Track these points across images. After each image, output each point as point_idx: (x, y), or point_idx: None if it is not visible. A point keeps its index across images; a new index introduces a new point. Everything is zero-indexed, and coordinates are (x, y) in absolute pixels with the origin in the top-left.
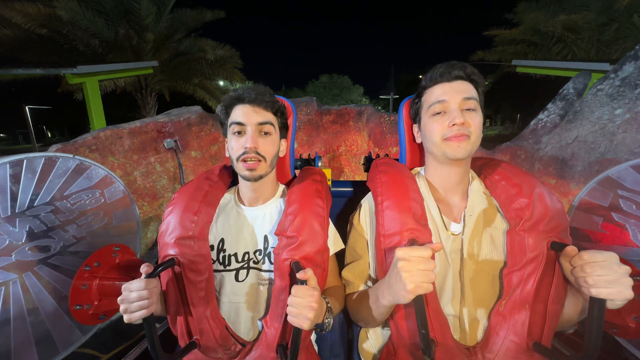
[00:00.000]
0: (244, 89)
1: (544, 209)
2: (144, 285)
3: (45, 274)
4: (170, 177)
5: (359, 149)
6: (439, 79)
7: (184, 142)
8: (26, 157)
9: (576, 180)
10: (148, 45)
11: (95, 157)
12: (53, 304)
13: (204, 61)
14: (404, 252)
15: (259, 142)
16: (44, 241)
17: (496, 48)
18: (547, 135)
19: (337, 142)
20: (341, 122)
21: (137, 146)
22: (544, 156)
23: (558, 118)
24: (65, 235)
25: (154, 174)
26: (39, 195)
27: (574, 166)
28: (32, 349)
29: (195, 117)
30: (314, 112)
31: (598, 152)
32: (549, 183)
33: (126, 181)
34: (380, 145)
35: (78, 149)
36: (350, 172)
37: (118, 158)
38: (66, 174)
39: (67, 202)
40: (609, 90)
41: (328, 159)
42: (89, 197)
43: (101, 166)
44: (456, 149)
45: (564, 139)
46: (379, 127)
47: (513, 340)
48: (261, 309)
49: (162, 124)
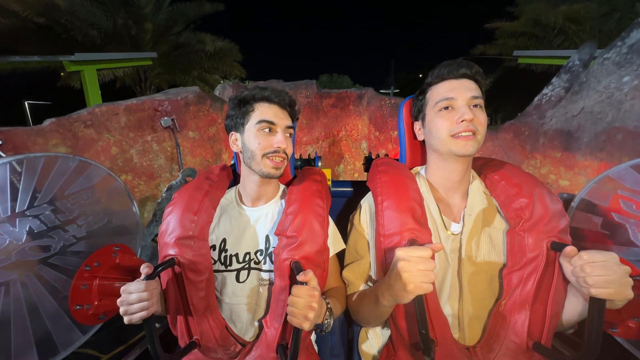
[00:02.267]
0: (270, 90)
1: (543, 209)
2: (144, 287)
3: (45, 274)
4: (167, 157)
5: (359, 133)
6: (445, 76)
7: (182, 122)
8: (26, 157)
9: (582, 151)
10: (147, 35)
11: (91, 132)
12: (53, 304)
13: (203, 53)
14: (404, 252)
15: (287, 144)
16: (44, 241)
17: (497, 41)
18: (551, 109)
19: (337, 127)
20: (341, 106)
21: (133, 124)
22: (548, 130)
23: (563, 91)
24: (65, 235)
25: (150, 152)
26: (39, 195)
27: (580, 138)
28: (32, 349)
29: (193, 96)
30: (314, 95)
31: (605, 122)
32: (554, 156)
33: (122, 159)
34: (381, 129)
35: (73, 123)
36: (351, 158)
37: (114, 135)
38: (66, 173)
39: (67, 202)
40: (616, 59)
41: (328, 143)
42: (89, 196)
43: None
44: (464, 146)
45: (570, 111)
46: (380, 110)
47: (513, 340)
48: (261, 309)
49: (159, 102)
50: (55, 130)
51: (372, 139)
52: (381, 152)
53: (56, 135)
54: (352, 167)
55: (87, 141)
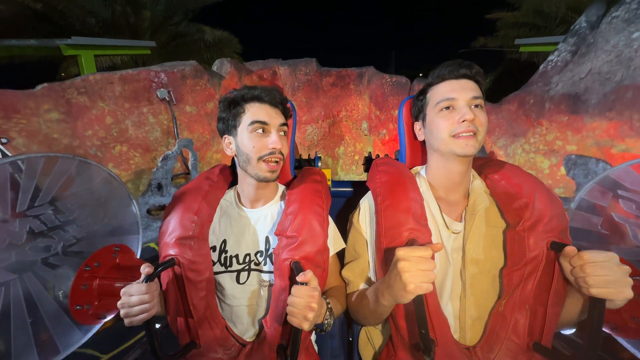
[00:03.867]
0: (261, 89)
1: (543, 209)
2: (145, 289)
3: (45, 274)
4: (164, 131)
5: (359, 113)
6: (446, 76)
7: (178, 95)
8: (26, 157)
9: (590, 113)
10: (145, 23)
11: (84, 100)
12: (53, 304)
13: (202, 43)
14: (404, 252)
15: (282, 143)
16: (44, 241)
17: (498, 33)
18: (557, 74)
19: (338, 107)
20: (341, 85)
21: (128, 94)
22: (554, 95)
23: (569, 55)
24: (65, 235)
25: (146, 125)
26: (39, 195)
27: (588, 100)
28: (32, 349)
29: (190, 69)
30: (313, 73)
31: (614, 82)
32: (561, 121)
33: (117, 129)
34: (382, 108)
35: (66, 90)
36: (351, 140)
37: (108, 104)
38: (66, 173)
39: (67, 202)
40: (625, 16)
41: (328, 124)
42: (89, 197)
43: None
44: (464, 147)
45: (577, 74)
46: (381, 88)
47: (513, 340)
48: (261, 309)
49: (155, 73)
50: (48, 95)
51: (373, 119)
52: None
53: (48, 100)
54: (352, 149)
55: (81, 108)
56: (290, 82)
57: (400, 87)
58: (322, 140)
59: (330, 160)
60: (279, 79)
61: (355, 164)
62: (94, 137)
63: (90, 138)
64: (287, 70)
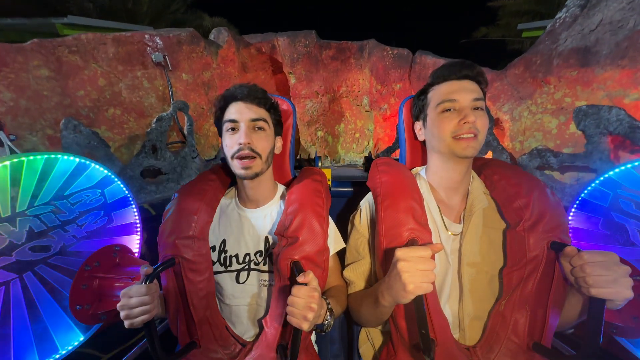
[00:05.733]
0: (236, 87)
1: (543, 209)
2: (145, 291)
3: (45, 274)
4: (159, 97)
5: (360, 88)
6: (447, 76)
7: (174, 61)
8: (26, 157)
9: (602, 64)
10: (143, 7)
11: (76, 59)
12: (53, 304)
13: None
14: (403, 252)
15: (252, 138)
16: (44, 241)
17: (500, 21)
18: (566, 30)
19: (338, 82)
20: (342, 59)
21: (122, 56)
22: (563, 51)
23: (578, 9)
24: (65, 235)
25: (141, 89)
26: (39, 195)
27: (599, 51)
28: (32, 349)
29: (186, 35)
30: (313, 45)
31: (627, 29)
32: (570, 76)
33: (110, 91)
34: (383, 81)
35: (57, 47)
36: (352, 117)
37: (101, 65)
38: (66, 173)
39: (67, 202)
40: None
41: (328, 99)
42: (89, 196)
43: (102, 166)
44: (465, 148)
45: (586, 27)
46: (382, 61)
47: (513, 340)
48: (261, 309)
49: (150, 36)
50: (37, 50)
51: (374, 93)
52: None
53: (38, 56)
54: (352, 126)
55: (72, 68)
56: (289, 54)
57: (402, 59)
58: (322, 116)
59: (331, 138)
60: (277, 53)
61: (355, 142)
62: (86, 98)
63: (82, 99)
64: (286, 41)
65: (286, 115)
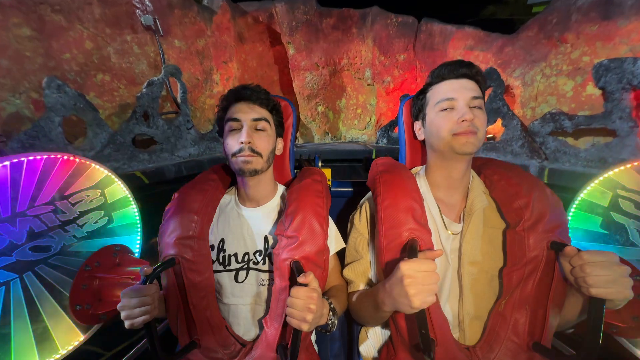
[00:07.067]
0: (239, 88)
1: (543, 209)
2: (145, 291)
3: (45, 274)
4: (150, 64)
5: (362, 61)
6: (446, 76)
7: (165, 26)
8: (26, 158)
9: (626, 14)
10: None
11: (60, 19)
12: (53, 304)
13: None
14: (409, 268)
15: (254, 138)
16: (44, 241)
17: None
18: None
19: (339, 54)
20: (343, 28)
21: (109, 18)
22: (582, 5)
23: None
24: (65, 235)
25: (131, 55)
26: (39, 195)
27: (623, 2)
28: (32, 349)
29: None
30: (313, 12)
31: None
32: (589, 32)
33: (98, 55)
34: (387, 52)
35: (38, 5)
36: (353, 92)
37: (87, 27)
38: (66, 173)
39: (67, 202)
40: None
41: (329, 72)
42: (89, 196)
43: (102, 166)
44: (465, 144)
45: None
46: (385, 30)
47: (513, 340)
48: (261, 309)
49: None
50: (17, 7)
51: (377, 65)
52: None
53: (18, 13)
54: (354, 101)
55: (56, 28)
56: (287, 21)
57: (407, 27)
58: (323, 90)
59: (332, 114)
60: (275, 22)
61: (357, 117)
62: (72, 61)
63: (69, 62)
64: (284, 8)
65: (286, 115)
